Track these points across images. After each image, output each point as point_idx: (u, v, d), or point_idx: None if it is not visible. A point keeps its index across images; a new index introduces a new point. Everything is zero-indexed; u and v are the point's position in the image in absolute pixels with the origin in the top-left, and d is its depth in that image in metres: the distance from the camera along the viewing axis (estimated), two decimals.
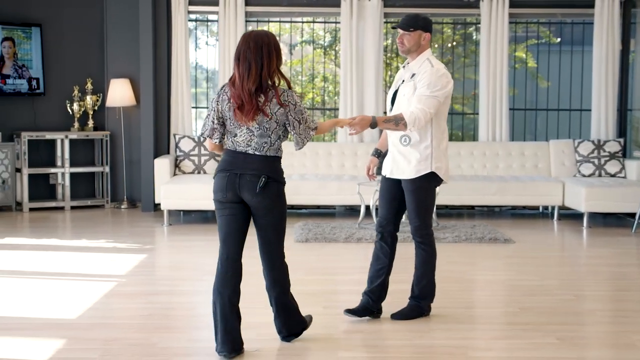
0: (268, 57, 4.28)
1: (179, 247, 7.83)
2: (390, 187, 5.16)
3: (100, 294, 5.82)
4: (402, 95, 5.00)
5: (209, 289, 6.07)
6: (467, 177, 9.72)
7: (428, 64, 4.98)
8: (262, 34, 4.34)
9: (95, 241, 8.01)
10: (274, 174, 4.38)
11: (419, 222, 5.10)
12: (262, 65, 4.26)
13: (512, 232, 8.68)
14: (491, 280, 6.49)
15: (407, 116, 4.85)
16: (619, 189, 8.96)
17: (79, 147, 10.51)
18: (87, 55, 10.52)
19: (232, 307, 4.43)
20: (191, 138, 9.89)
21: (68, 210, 10.11)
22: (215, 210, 4.55)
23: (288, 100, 4.35)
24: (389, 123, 4.89)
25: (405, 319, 5.13)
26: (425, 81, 4.89)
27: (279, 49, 4.36)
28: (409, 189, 5.06)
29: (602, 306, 5.73)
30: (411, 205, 5.08)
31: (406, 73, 5.07)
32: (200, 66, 12.27)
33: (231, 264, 4.50)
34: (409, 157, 5.02)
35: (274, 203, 4.40)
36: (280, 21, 11.05)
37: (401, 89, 5.05)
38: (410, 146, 5.01)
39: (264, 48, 4.28)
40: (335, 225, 8.85)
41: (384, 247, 5.20)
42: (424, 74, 4.92)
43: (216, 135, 4.45)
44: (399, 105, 5.03)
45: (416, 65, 5.01)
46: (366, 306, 5.18)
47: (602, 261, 7.28)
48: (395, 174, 5.09)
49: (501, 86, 10.19)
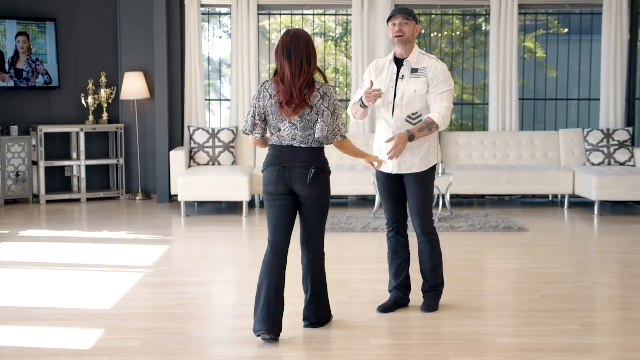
0: (314, 54, 4.52)
1: (199, 238, 7.96)
2: (394, 184, 5.18)
3: (130, 284, 5.96)
4: (414, 92, 4.98)
5: (235, 279, 6.28)
6: (479, 167, 9.85)
7: (430, 59, 5.05)
8: (304, 32, 4.57)
9: (117, 233, 8.14)
10: (321, 165, 4.59)
11: (428, 214, 5.16)
12: (310, 62, 4.49)
13: (524, 220, 8.82)
14: (510, 269, 6.63)
15: (436, 119, 4.92)
16: (630, 177, 9.10)
17: (93, 139, 10.63)
18: (101, 49, 10.63)
19: (277, 292, 4.62)
20: (205, 130, 10.01)
21: (84, 202, 10.24)
22: (265, 201, 4.73)
23: (325, 92, 4.55)
24: (423, 131, 4.92)
25: (436, 310, 5.23)
26: (441, 77, 4.97)
27: (313, 46, 4.58)
28: (418, 183, 5.09)
29: (621, 293, 5.87)
30: (420, 197, 5.11)
31: (405, 68, 5.04)
32: (209, 58, 12.37)
33: (279, 251, 4.69)
34: (417, 151, 5.05)
35: (322, 192, 4.61)
36: (292, 14, 11.16)
37: (408, 85, 5.00)
38: (418, 140, 5.01)
39: (310, 45, 4.52)
40: (350, 215, 8.99)
41: (401, 240, 5.27)
42: (436, 70, 4.98)
43: (257, 130, 4.64)
44: (412, 102, 5.01)
45: (414, 59, 5.04)
46: (397, 300, 5.27)
47: (615, 249, 7.43)
48: (404, 169, 5.09)
49: (511, 76, 10.30)
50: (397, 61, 5.11)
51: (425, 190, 5.12)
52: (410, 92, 5.00)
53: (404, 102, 5.01)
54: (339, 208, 9.75)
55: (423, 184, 5.10)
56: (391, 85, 5.07)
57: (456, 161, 10.16)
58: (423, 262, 5.24)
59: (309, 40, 4.53)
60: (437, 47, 11.53)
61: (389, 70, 5.12)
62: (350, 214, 9.10)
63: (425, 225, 5.15)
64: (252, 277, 6.18)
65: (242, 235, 8.33)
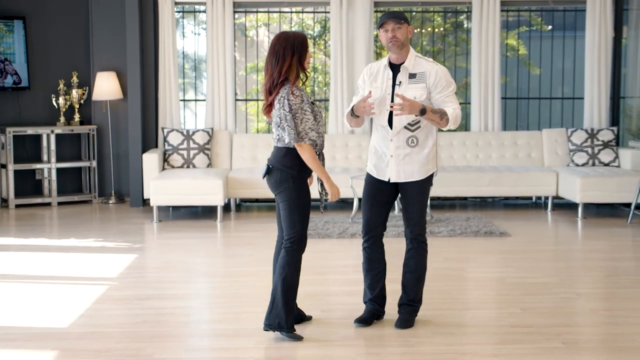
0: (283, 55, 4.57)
1: (170, 246, 7.68)
2: (385, 191, 5.01)
3: (91, 299, 5.68)
4: (413, 98, 4.77)
5: (205, 292, 6.00)
6: (460, 168, 9.61)
7: (427, 63, 4.89)
8: (285, 33, 4.67)
9: (84, 240, 7.85)
10: (283, 164, 4.66)
11: (422, 221, 5.01)
12: (277, 63, 4.58)
13: (506, 224, 8.58)
14: (490, 278, 6.38)
15: (450, 113, 4.79)
16: (614, 179, 8.87)
17: (65, 141, 10.33)
18: (72, 48, 10.32)
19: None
20: (180, 131, 9.73)
21: (55, 207, 9.94)
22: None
23: (283, 95, 4.59)
24: (435, 115, 4.77)
25: (411, 327, 5.00)
26: (444, 82, 4.83)
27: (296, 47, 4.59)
28: (416, 190, 4.95)
29: (604, 305, 5.63)
30: (417, 206, 4.97)
31: (402, 74, 4.87)
32: (186, 56, 12.08)
33: (278, 245, 4.98)
34: (417, 157, 4.90)
35: (286, 193, 4.68)
36: (269, 11, 10.87)
37: (407, 92, 4.82)
38: (418, 147, 4.89)
39: (282, 46, 4.58)
40: (327, 219, 8.73)
41: (377, 251, 5.09)
42: (437, 74, 4.83)
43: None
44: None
45: (410, 64, 4.87)
46: (373, 312, 5.09)
47: (599, 255, 7.20)
48: (403, 178, 4.92)
49: (493, 75, 10.06)
50: (392, 66, 4.92)
51: (422, 198, 4.99)
52: (409, 97, 4.77)
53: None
54: (316, 211, 9.47)
55: (419, 192, 4.96)
56: (387, 91, 4.89)
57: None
58: (408, 271, 5.06)
59: (285, 41, 4.58)
60: (418, 45, 11.27)
61: (384, 75, 4.94)
62: (328, 218, 8.84)
63: (417, 233, 5.00)
64: (225, 289, 5.98)
65: (216, 242, 8.05)
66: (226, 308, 5.51)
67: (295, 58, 4.58)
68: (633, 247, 7.72)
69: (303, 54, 4.60)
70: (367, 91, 4.92)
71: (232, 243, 7.98)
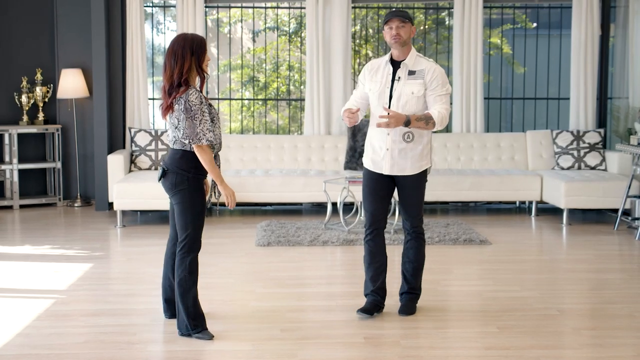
0: (181, 55, 4.60)
1: (130, 254, 7.24)
2: (384, 184, 5.18)
3: (33, 314, 5.24)
4: (411, 93, 5.02)
5: (156, 308, 5.52)
6: (440, 171, 9.19)
7: (427, 62, 5.10)
8: (177, 37, 4.68)
9: (40, 247, 7.40)
10: (177, 166, 4.69)
11: (420, 214, 5.24)
12: (173, 64, 4.60)
13: (488, 230, 8.18)
14: (467, 292, 5.96)
15: (435, 116, 4.94)
16: (600, 184, 8.48)
17: (28, 141, 9.85)
18: (36, 43, 9.83)
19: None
20: (148, 132, 9.28)
21: (17, 210, 9.48)
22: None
23: (182, 97, 4.60)
24: (420, 122, 4.94)
25: (413, 314, 5.24)
26: (439, 80, 5.02)
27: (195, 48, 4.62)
28: (413, 185, 5.14)
29: (587, 324, 5.20)
30: (414, 199, 5.18)
31: (402, 70, 5.05)
32: (151, 52, 11.64)
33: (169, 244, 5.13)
34: (411, 153, 5.07)
35: (178, 196, 4.74)
36: (242, 6, 10.42)
37: (405, 87, 5.03)
38: (413, 142, 5.06)
39: (180, 46, 4.61)
40: (300, 225, 8.30)
41: (379, 243, 5.26)
42: (434, 73, 5.03)
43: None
44: (409, 103, 5.03)
45: (411, 61, 5.06)
46: (376, 303, 5.23)
47: (584, 266, 6.79)
48: (397, 171, 5.10)
49: (475, 74, 9.66)
50: (393, 62, 5.12)
51: (417, 193, 5.19)
52: (407, 93, 5.03)
53: (400, 104, 5.03)
54: (291, 216, 9.06)
55: (415, 187, 5.16)
56: (386, 85, 5.08)
57: None
58: (407, 261, 5.29)
59: (184, 42, 4.61)
60: None
61: (384, 71, 5.13)
62: (301, 224, 8.40)
63: (416, 225, 5.24)
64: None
65: None
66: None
67: (195, 59, 4.62)
68: (619, 256, 7.33)
69: (201, 55, 4.64)
70: (367, 87, 5.15)
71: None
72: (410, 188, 5.15)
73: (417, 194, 5.18)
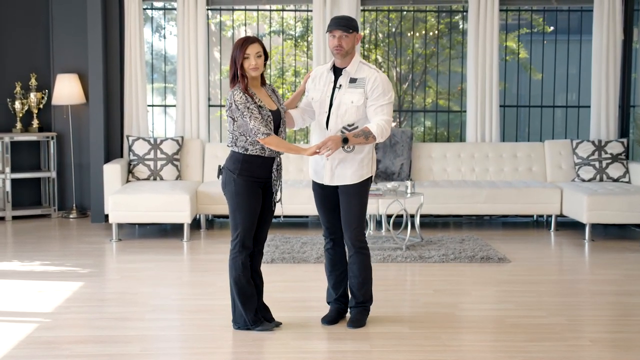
0: (230, 61, 4.78)
1: (125, 271, 6.78)
2: (329, 195, 5.10)
3: (13, 341, 4.78)
4: (350, 102, 4.91)
5: (147, 334, 5.06)
6: (454, 183, 8.72)
7: (369, 69, 4.96)
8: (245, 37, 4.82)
9: (29, 264, 6.95)
10: (228, 165, 4.86)
11: (360, 226, 5.07)
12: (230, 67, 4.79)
13: (505, 247, 7.70)
14: (487, 317, 5.47)
15: (374, 130, 4.83)
16: (625, 197, 7.99)
17: (22, 149, 9.43)
18: (30, 47, 9.42)
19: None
20: (146, 140, 8.83)
21: (9, 221, 9.04)
22: None
23: (227, 98, 4.76)
24: (359, 138, 4.82)
25: (362, 326, 5.11)
26: (380, 90, 4.90)
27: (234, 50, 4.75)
28: (352, 194, 5.02)
29: (622, 356, 4.70)
30: (353, 209, 5.03)
31: (343, 78, 4.96)
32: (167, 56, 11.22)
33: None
34: (351, 163, 4.97)
35: (227, 192, 4.87)
36: (246, 9, 9.96)
37: (345, 95, 4.93)
38: (354, 152, 4.96)
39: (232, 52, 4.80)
40: (306, 240, 7.84)
41: (339, 252, 5.22)
42: (375, 81, 4.91)
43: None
44: (348, 112, 4.92)
45: (353, 68, 4.96)
46: (339, 310, 5.24)
47: (612, 288, 6.28)
48: (337, 181, 5.02)
49: (491, 80, 9.19)
50: (335, 70, 5.02)
51: (357, 203, 5.04)
52: (347, 102, 4.92)
53: (340, 112, 4.93)
54: (297, 229, 8.60)
55: (355, 196, 5.03)
56: (327, 94, 4.99)
57: (429, 176, 9.03)
58: (352, 275, 5.16)
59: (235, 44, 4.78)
60: (409, 48, 10.38)
61: (326, 78, 5.03)
62: (306, 238, 7.94)
63: (355, 239, 5.07)
64: (175, 329, 5.08)
65: (179, 266, 7.11)
66: (169, 356, 4.62)
67: (238, 60, 4.73)
68: None
69: (239, 55, 4.72)
70: (310, 95, 5.08)
71: (195, 268, 7.09)
72: (351, 197, 5.01)
73: (356, 204, 5.03)
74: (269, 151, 4.80)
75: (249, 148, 4.77)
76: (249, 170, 4.79)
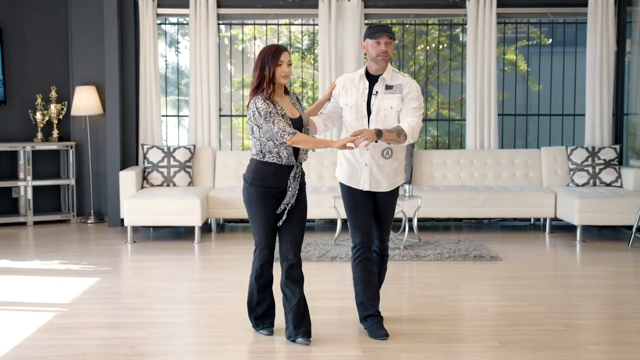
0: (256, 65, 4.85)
1: (138, 269, 7.23)
2: (367, 200, 5.09)
3: (33, 327, 5.23)
4: (390, 108, 4.98)
5: (157, 321, 5.50)
6: (454, 188, 9.12)
7: (403, 77, 5.08)
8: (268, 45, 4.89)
9: (48, 262, 7.41)
10: (246, 173, 4.92)
11: (389, 234, 5.22)
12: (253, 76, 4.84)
13: (500, 247, 8.08)
14: (472, 307, 5.87)
15: (406, 128, 4.89)
16: (615, 200, 8.35)
17: (42, 158, 9.91)
18: (51, 61, 9.92)
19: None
20: (160, 148, 9.29)
21: (30, 226, 9.51)
22: None
23: (249, 106, 4.80)
24: (392, 134, 4.86)
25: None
26: (414, 94, 5.00)
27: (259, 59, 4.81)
28: (388, 202, 5.11)
29: (594, 338, 5.10)
30: (388, 217, 5.14)
31: (379, 84, 5.02)
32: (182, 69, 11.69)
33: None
34: (388, 170, 5.05)
35: (244, 199, 4.94)
36: (255, 24, 10.44)
37: (383, 101, 4.99)
38: (391, 159, 5.04)
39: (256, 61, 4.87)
40: (310, 241, 8.25)
41: (372, 259, 5.14)
42: (411, 87, 5.02)
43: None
44: (388, 118, 4.99)
45: (388, 76, 5.04)
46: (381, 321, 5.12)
47: (597, 282, 6.66)
48: (375, 187, 5.04)
49: (489, 90, 9.59)
50: (368, 77, 5.07)
51: (392, 209, 5.16)
52: (386, 107, 5.00)
53: (379, 118, 4.99)
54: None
55: (392, 203, 5.15)
56: (363, 99, 5.03)
57: (430, 181, 9.43)
58: (378, 282, 5.19)
59: (260, 53, 4.82)
60: (412, 59, 10.80)
61: (359, 84, 5.08)
62: (311, 240, 8.36)
63: (386, 244, 5.22)
64: (180, 317, 5.50)
65: (189, 265, 7.55)
66: (176, 339, 5.05)
67: (267, 68, 4.74)
68: (635, 273, 7.18)
69: (271, 64, 4.75)
70: (342, 101, 5.08)
71: (205, 266, 7.51)
72: (386, 205, 5.10)
73: (391, 211, 5.14)
74: (285, 159, 4.76)
75: (267, 155, 4.77)
76: (260, 180, 4.79)
